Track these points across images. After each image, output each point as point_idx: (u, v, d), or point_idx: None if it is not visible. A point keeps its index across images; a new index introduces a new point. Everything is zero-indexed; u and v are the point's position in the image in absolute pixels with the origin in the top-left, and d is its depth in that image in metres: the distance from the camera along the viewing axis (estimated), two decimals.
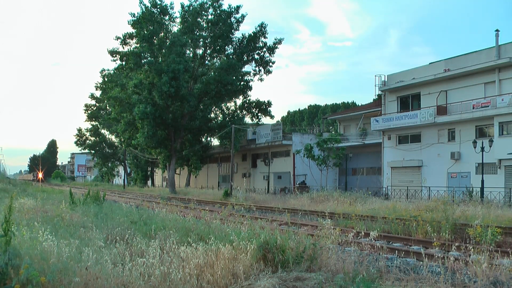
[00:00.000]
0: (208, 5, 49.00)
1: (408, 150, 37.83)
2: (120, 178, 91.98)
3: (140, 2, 46.26)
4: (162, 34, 47.51)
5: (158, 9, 47.21)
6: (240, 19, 49.82)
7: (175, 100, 46.74)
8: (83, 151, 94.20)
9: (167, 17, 49.17)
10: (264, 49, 50.88)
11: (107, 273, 5.86)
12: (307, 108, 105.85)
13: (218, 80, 47.05)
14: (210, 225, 10.31)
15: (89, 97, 79.08)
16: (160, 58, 46.49)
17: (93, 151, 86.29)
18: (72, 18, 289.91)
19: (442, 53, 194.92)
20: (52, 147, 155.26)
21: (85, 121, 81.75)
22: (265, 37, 50.47)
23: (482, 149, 29.26)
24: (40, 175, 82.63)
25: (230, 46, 50.80)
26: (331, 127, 71.02)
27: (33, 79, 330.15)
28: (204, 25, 49.53)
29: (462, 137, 33.71)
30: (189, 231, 9.63)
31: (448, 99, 35.26)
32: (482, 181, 28.76)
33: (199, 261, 6.52)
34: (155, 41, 46.26)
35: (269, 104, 53.04)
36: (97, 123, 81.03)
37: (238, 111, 53.89)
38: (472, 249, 9.43)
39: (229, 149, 47.21)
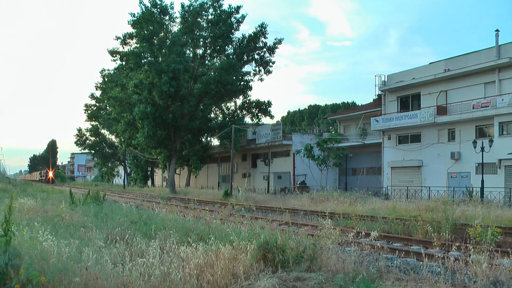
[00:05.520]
0: (208, 5, 48.95)
1: (408, 150, 37.83)
2: (120, 178, 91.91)
3: (140, 2, 46.27)
4: (162, 34, 47.49)
5: (158, 9, 47.19)
6: (240, 19, 49.80)
7: (175, 100, 46.75)
8: (83, 151, 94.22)
9: (167, 17, 49.15)
10: (264, 49, 50.84)
11: (107, 273, 5.85)
12: (307, 108, 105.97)
13: (218, 80, 47.02)
14: (210, 225, 10.29)
15: (89, 97, 79.34)
16: (160, 58, 46.48)
17: (93, 151, 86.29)
18: (72, 18, 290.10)
19: (442, 53, 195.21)
20: (52, 147, 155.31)
21: (85, 121, 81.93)
22: (265, 37, 50.45)
23: (482, 149, 29.25)
24: (51, 174, 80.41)
25: (230, 46, 50.78)
26: (331, 127, 70.99)
27: (33, 79, 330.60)
28: (204, 25, 49.49)
29: (462, 137, 33.71)
30: (189, 231, 9.62)
31: (448, 99, 35.25)
32: (482, 181, 28.75)
33: (199, 261, 6.52)
34: (155, 41, 46.24)
35: (269, 104, 53.05)
36: (97, 123, 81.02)
37: (238, 111, 53.92)
38: (472, 249, 9.42)
39: (229, 149, 47.19)
